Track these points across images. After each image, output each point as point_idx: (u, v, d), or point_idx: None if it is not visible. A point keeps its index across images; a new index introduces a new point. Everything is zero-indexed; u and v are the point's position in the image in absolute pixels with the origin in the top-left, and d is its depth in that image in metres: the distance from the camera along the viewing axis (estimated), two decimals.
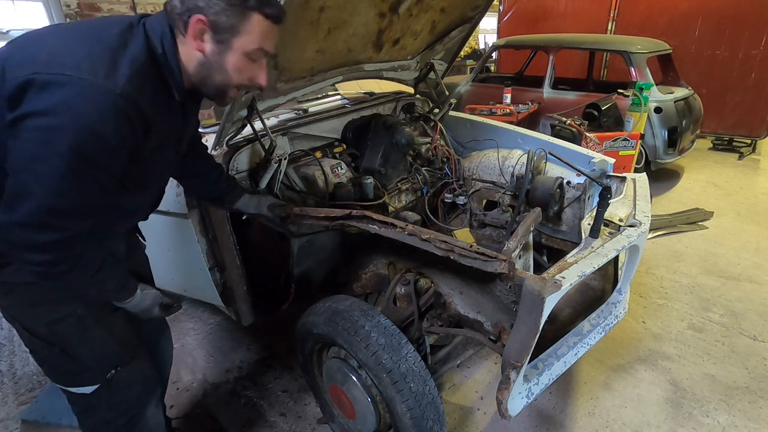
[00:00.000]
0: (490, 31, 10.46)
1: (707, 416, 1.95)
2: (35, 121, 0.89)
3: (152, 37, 1.01)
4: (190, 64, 1.05)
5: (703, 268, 3.08)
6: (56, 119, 0.89)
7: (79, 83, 0.90)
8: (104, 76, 0.92)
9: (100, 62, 0.93)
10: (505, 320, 1.40)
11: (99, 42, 0.96)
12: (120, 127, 0.95)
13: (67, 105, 0.89)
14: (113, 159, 0.98)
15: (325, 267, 1.99)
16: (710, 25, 5.40)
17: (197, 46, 1.03)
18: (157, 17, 1.04)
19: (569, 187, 2.14)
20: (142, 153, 1.05)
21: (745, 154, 5.53)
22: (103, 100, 0.91)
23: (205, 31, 1.01)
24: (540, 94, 4.71)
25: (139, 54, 0.99)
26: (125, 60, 0.96)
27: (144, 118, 0.99)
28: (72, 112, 0.89)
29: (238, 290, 1.84)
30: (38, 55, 0.93)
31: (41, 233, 0.95)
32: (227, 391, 2.15)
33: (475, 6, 2.26)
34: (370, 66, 2.27)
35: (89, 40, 0.97)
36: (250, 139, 1.86)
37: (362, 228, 1.45)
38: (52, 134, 0.89)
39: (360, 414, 1.59)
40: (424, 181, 2.39)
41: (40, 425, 1.94)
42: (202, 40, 1.02)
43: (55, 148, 0.89)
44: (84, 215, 1.00)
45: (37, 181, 0.91)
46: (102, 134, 0.92)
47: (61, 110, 0.89)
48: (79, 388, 1.26)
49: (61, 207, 0.95)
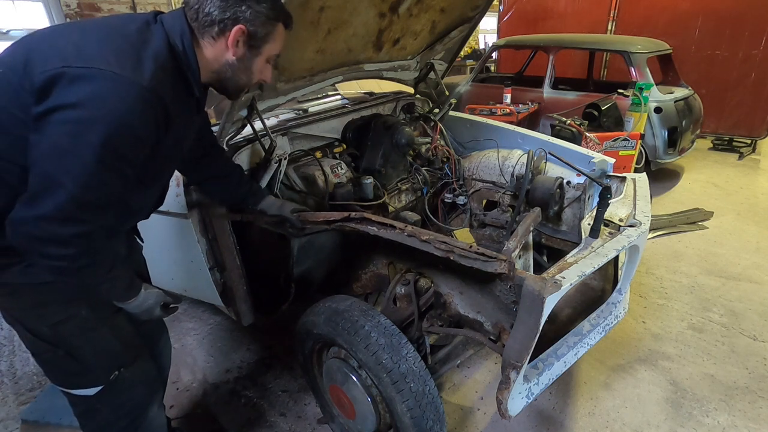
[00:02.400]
0: (490, 31, 10.46)
1: (707, 416, 1.95)
2: (65, 113, 0.90)
3: (171, 34, 1.05)
4: (216, 64, 1.12)
5: (703, 268, 3.08)
6: (87, 112, 0.90)
7: (109, 77, 0.92)
8: (132, 70, 0.95)
9: (126, 57, 0.96)
10: (505, 320, 1.40)
11: (122, 37, 1.00)
12: (147, 118, 0.98)
13: (98, 98, 0.91)
14: (139, 151, 1.01)
15: (325, 267, 1.99)
16: (710, 25, 5.40)
17: (233, 52, 1.10)
18: (174, 15, 1.08)
19: (569, 187, 2.14)
20: (161, 148, 1.08)
21: (745, 154, 5.53)
22: (132, 93, 0.94)
23: (241, 39, 1.09)
24: (540, 94, 4.71)
25: (161, 49, 1.02)
26: (148, 55, 0.99)
27: (167, 112, 1.03)
28: (103, 105, 0.91)
29: (238, 290, 1.84)
30: (65, 50, 0.94)
31: (66, 226, 0.95)
32: (227, 391, 2.15)
33: (475, 6, 2.26)
34: (370, 66, 2.27)
35: (111, 36, 1.00)
36: (250, 139, 1.86)
37: (362, 230, 1.45)
38: (83, 127, 0.90)
39: (360, 414, 1.59)
40: (424, 181, 2.39)
41: (40, 425, 1.94)
42: (236, 46, 1.09)
43: (86, 140, 0.91)
44: (107, 208, 1.02)
45: (66, 173, 0.92)
46: (132, 126, 0.95)
47: (92, 103, 0.90)
48: (82, 390, 1.26)
49: (88, 199, 0.96)
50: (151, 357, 1.45)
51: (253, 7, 1.06)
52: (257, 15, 1.07)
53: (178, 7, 1.11)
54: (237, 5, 1.05)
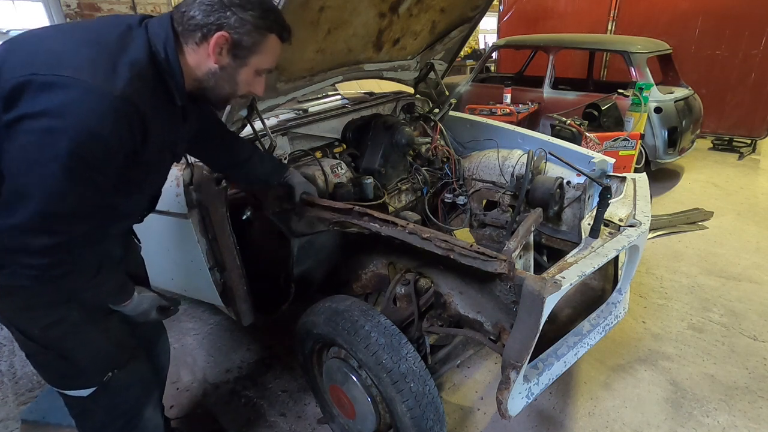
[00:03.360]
0: (490, 31, 10.47)
1: (707, 416, 1.95)
2: (33, 123, 0.88)
3: (154, 40, 1.01)
4: (199, 72, 1.07)
5: (703, 268, 3.08)
6: (55, 121, 0.88)
7: (78, 85, 0.89)
8: (103, 79, 0.92)
9: (99, 64, 0.93)
10: (505, 320, 1.40)
11: (98, 44, 0.96)
12: (119, 129, 0.94)
13: (66, 107, 0.88)
14: (111, 162, 0.98)
15: (325, 267, 1.99)
16: (710, 25, 5.40)
17: (215, 59, 1.05)
18: (160, 21, 1.04)
19: (569, 187, 2.14)
20: (141, 157, 1.04)
21: (745, 154, 5.53)
22: (102, 103, 0.91)
23: (224, 47, 1.03)
24: (540, 94, 4.71)
25: (140, 57, 0.99)
26: (125, 62, 0.96)
27: (143, 120, 0.99)
28: (71, 114, 0.88)
29: (238, 290, 1.84)
30: (36, 57, 0.92)
31: (38, 237, 0.94)
32: (227, 391, 2.15)
33: (475, 6, 2.26)
34: (370, 66, 2.27)
35: (88, 41, 0.96)
36: (250, 139, 1.85)
37: (363, 226, 1.45)
38: (50, 137, 0.88)
39: (360, 414, 1.59)
40: (424, 181, 2.39)
41: (40, 425, 1.94)
42: (219, 54, 1.04)
43: (53, 150, 0.88)
44: (81, 219, 1.00)
45: (35, 184, 0.90)
46: (101, 137, 0.92)
47: (59, 112, 0.88)
48: (75, 392, 1.25)
49: (59, 211, 0.94)
50: (148, 358, 1.45)
51: (238, 13, 1.01)
52: (243, 23, 1.02)
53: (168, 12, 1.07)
54: (221, 11, 1.01)
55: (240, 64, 1.08)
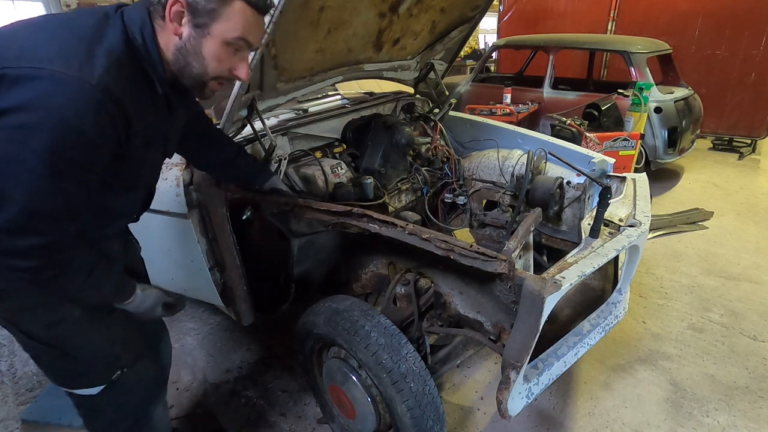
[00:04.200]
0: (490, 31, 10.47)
1: (707, 416, 1.95)
2: (7, 119, 0.84)
3: (131, 26, 0.97)
4: (168, 51, 1.01)
5: (703, 268, 3.08)
6: (30, 115, 0.84)
7: (53, 76, 0.85)
8: (78, 68, 0.87)
9: (74, 54, 0.88)
10: (505, 320, 1.40)
11: (72, 33, 0.92)
12: (99, 120, 0.90)
13: (41, 100, 0.84)
14: (94, 155, 0.93)
15: (325, 267, 1.99)
16: (710, 25, 5.40)
17: (174, 30, 0.98)
18: (136, 6, 0.99)
19: (569, 187, 2.14)
20: (127, 150, 1.01)
21: (745, 154, 5.53)
22: (79, 93, 0.87)
23: (182, 14, 0.96)
24: (540, 94, 4.71)
25: (116, 44, 0.94)
26: (101, 51, 0.91)
27: (124, 110, 0.94)
28: (47, 107, 0.84)
29: (238, 290, 1.84)
30: (8, 50, 0.88)
31: (23, 238, 0.89)
32: (227, 391, 2.15)
33: (475, 6, 2.26)
34: (370, 66, 2.27)
35: (62, 32, 0.93)
36: (250, 139, 1.86)
37: (363, 227, 1.45)
38: (26, 132, 0.84)
39: (360, 414, 1.59)
40: (424, 181, 2.39)
41: (40, 425, 1.94)
42: (179, 23, 0.97)
43: (31, 146, 0.84)
44: (68, 217, 0.95)
45: (14, 182, 0.86)
46: (80, 129, 0.87)
47: (34, 105, 0.84)
48: (84, 390, 1.23)
49: (42, 209, 0.90)
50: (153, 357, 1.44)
51: None
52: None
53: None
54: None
55: (202, 34, 0.98)
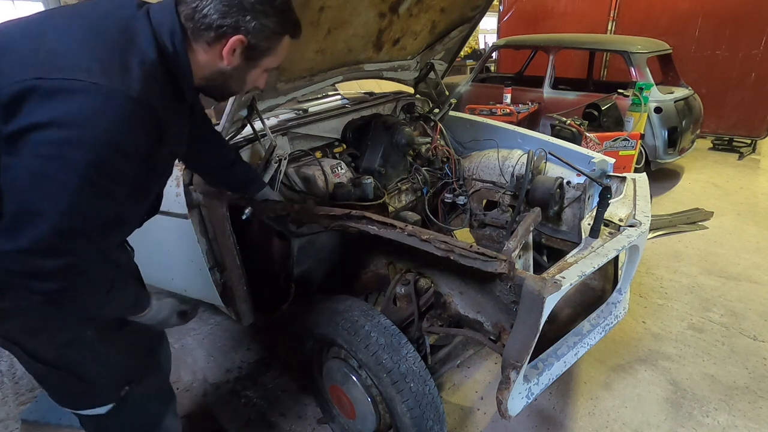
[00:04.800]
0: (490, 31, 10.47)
1: (707, 416, 1.95)
2: (42, 134, 0.79)
3: (160, 32, 0.93)
4: (206, 70, 1.01)
5: (703, 268, 3.08)
6: (69, 131, 0.80)
7: (92, 89, 0.81)
8: (115, 80, 0.84)
9: (109, 63, 0.85)
10: (505, 320, 1.40)
11: (102, 38, 0.88)
12: (137, 134, 0.88)
13: (81, 114, 0.80)
14: (130, 169, 0.91)
15: (325, 267, 1.99)
16: (710, 25, 5.40)
17: (228, 61, 0.99)
18: (162, 10, 0.95)
19: (569, 187, 2.14)
20: (156, 160, 0.99)
21: (745, 154, 5.53)
22: (118, 107, 0.83)
23: (238, 49, 0.98)
24: (540, 94, 4.71)
25: (149, 52, 0.91)
26: (135, 59, 0.88)
27: (158, 121, 0.93)
28: (87, 123, 0.81)
29: (238, 290, 1.84)
30: (36, 56, 0.83)
31: (49, 259, 0.85)
32: (227, 391, 2.15)
33: (475, 6, 2.26)
34: (370, 66, 2.27)
35: (90, 35, 0.88)
36: (250, 139, 1.86)
37: (362, 229, 1.45)
38: (65, 149, 0.80)
39: (360, 414, 1.59)
40: (424, 181, 2.39)
41: (40, 425, 1.94)
42: (232, 55, 0.99)
43: (69, 163, 0.81)
44: (98, 235, 0.92)
45: (46, 201, 0.82)
46: (120, 144, 0.85)
47: (74, 121, 0.80)
48: (92, 410, 1.19)
49: (73, 228, 0.86)
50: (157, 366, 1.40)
51: (259, 19, 0.95)
52: (262, 28, 0.96)
53: None
54: (241, 13, 0.93)
55: (251, 66, 1.04)
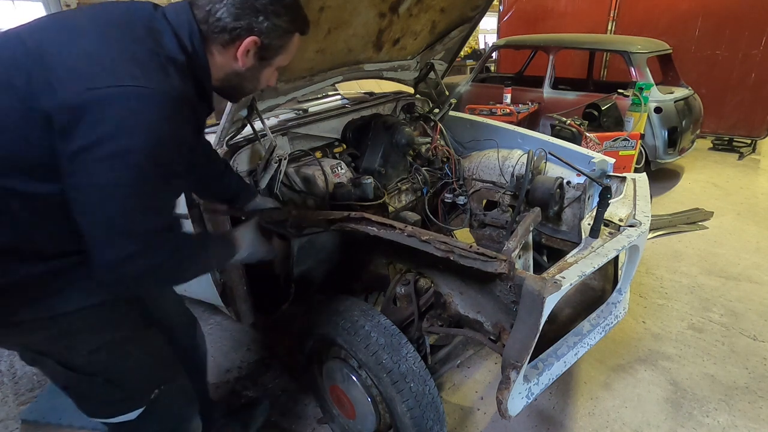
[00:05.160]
0: (490, 31, 10.47)
1: (707, 416, 1.95)
2: (105, 147, 0.83)
3: (180, 33, 0.97)
4: (221, 71, 1.05)
5: (703, 268, 3.08)
6: (129, 139, 0.84)
7: (142, 93, 0.85)
8: (159, 81, 0.88)
9: (149, 65, 0.89)
10: (505, 320, 1.40)
11: (134, 41, 0.91)
12: (185, 129, 0.96)
13: (137, 119, 0.85)
14: (182, 162, 0.98)
15: (325, 267, 1.99)
16: (710, 25, 5.40)
17: (242, 62, 1.04)
18: (178, 12, 0.98)
19: (569, 187, 2.14)
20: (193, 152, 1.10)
21: (745, 154, 5.53)
22: (167, 106, 0.88)
23: (252, 50, 1.02)
24: (540, 94, 4.71)
25: (176, 53, 0.95)
26: (168, 60, 0.93)
27: (196, 118, 1.02)
28: (143, 126, 0.85)
29: (238, 290, 1.84)
30: (79, 63, 0.85)
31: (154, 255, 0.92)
32: (227, 391, 2.15)
33: (475, 6, 2.26)
34: (370, 66, 2.27)
35: (123, 39, 0.91)
36: (250, 139, 1.85)
37: (361, 230, 1.45)
38: (130, 157, 0.85)
39: (360, 414, 1.59)
40: (424, 181, 2.39)
41: (40, 425, 1.94)
42: (246, 56, 1.03)
43: (137, 168, 0.86)
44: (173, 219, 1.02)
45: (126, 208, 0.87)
46: (175, 140, 0.92)
47: (131, 127, 0.84)
48: (122, 417, 1.17)
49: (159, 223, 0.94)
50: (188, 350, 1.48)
51: (271, 19, 0.99)
52: (275, 28, 1.00)
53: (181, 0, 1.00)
54: (253, 15, 0.97)
55: (265, 65, 1.08)
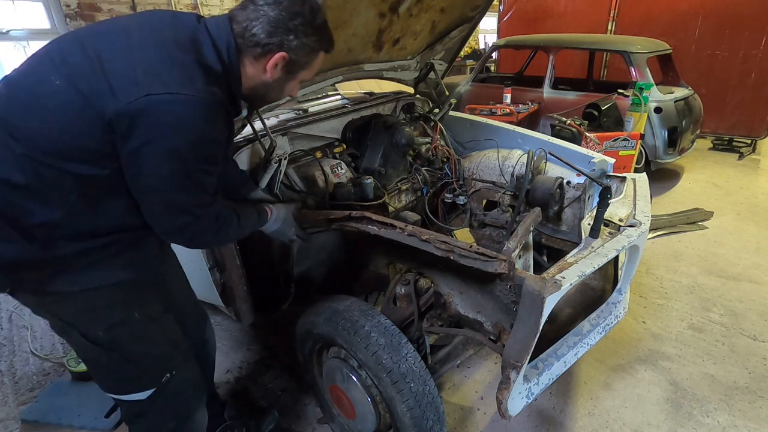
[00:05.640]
0: (490, 31, 10.45)
1: (707, 416, 1.95)
2: (160, 145, 0.97)
3: (219, 45, 1.07)
4: (251, 82, 1.15)
5: (703, 268, 3.08)
6: (179, 138, 0.98)
7: (190, 100, 0.97)
8: (202, 89, 0.99)
9: (194, 75, 1.00)
10: (505, 320, 1.40)
11: (179, 51, 1.02)
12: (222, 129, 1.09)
13: (186, 122, 0.98)
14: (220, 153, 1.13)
15: (325, 267, 1.99)
16: (710, 25, 5.40)
17: (270, 75, 1.14)
18: (219, 25, 1.08)
19: (569, 187, 2.14)
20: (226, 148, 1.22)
21: (745, 154, 5.53)
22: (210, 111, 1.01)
23: (280, 64, 1.12)
24: (540, 94, 4.71)
25: (215, 63, 1.06)
26: (209, 69, 1.04)
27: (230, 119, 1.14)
28: (191, 127, 0.98)
29: (238, 290, 1.84)
30: (136, 72, 0.96)
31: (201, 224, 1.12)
32: (227, 391, 2.15)
33: (475, 6, 2.26)
34: (370, 66, 2.27)
35: (170, 49, 1.01)
36: (250, 139, 1.86)
37: (362, 229, 1.45)
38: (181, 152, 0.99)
39: (360, 414, 1.59)
40: (424, 181, 2.39)
41: (40, 425, 1.94)
42: (274, 69, 1.13)
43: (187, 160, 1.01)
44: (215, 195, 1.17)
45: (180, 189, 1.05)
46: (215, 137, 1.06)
47: (181, 127, 0.97)
48: (134, 395, 1.25)
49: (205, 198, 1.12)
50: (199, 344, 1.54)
51: (301, 38, 1.09)
52: (303, 46, 1.11)
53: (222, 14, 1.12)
54: (285, 33, 1.07)
55: (290, 78, 1.18)
